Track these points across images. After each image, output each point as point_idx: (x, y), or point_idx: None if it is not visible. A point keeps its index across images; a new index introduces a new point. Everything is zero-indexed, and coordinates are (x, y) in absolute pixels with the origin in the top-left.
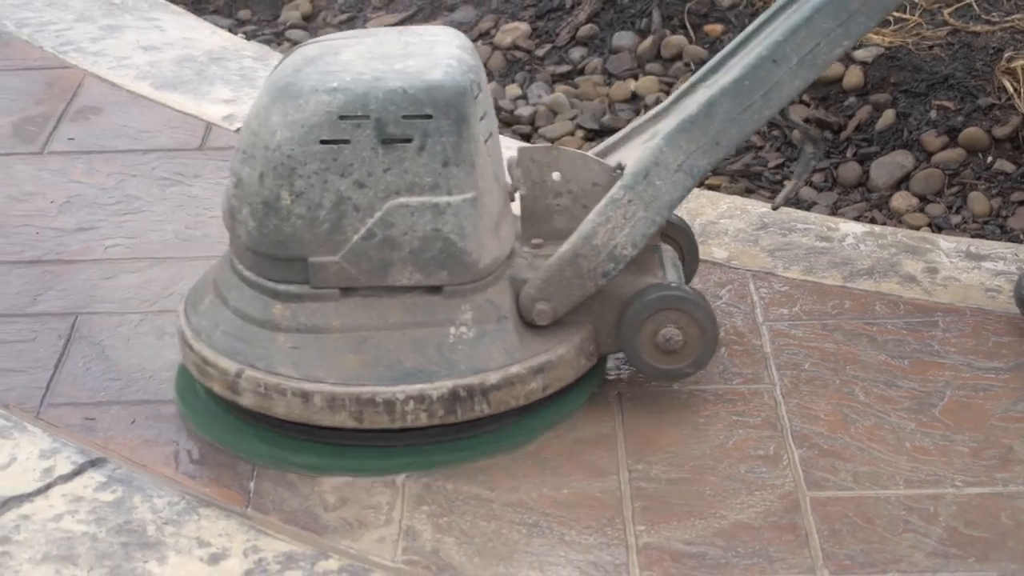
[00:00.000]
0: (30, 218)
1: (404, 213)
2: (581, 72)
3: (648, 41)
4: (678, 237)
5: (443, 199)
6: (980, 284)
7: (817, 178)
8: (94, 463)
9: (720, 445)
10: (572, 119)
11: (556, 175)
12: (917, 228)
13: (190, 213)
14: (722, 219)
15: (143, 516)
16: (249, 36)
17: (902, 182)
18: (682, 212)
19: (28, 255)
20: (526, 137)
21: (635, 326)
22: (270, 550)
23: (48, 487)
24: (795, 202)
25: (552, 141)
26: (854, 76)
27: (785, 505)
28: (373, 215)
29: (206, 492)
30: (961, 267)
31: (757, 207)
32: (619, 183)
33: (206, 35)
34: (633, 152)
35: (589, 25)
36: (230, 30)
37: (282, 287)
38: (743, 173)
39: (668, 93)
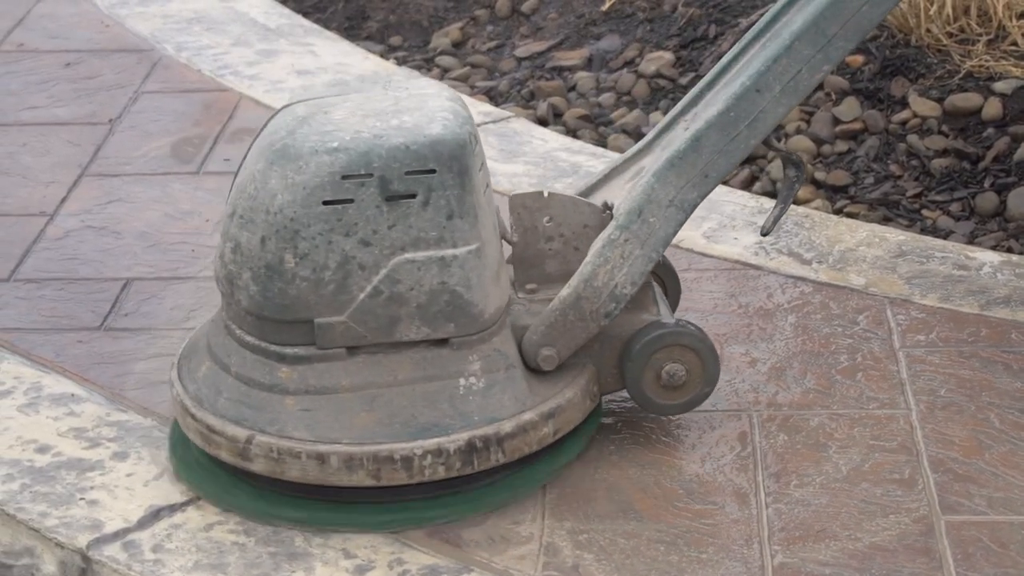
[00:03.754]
0: (186, 236)
1: (410, 269)
2: None
3: None
4: (661, 273)
5: (449, 252)
6: None
7: (955, 207)
8: None
9: (856, 468)
10: None
11: (547, 220)
12: None
13: None
14: (860, 247)
15: (291, 527)
16: (400, 62)
17: None
18: (821, 238)
19: (183, 272)
20: None
21: (639, 364)
22: (414, 563)
23: (199, 497)
24: (932, 231)
25: None
26: (993, 107)
27: (920, 529)
28: (379, 272)
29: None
30: None
31: (895, 235)
32: (614, 223)
33: (359, 60)
34: (618, 191)
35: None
36: (382, 55)
37: (288, 350)
38: (881, 202)
39: (808, 123)
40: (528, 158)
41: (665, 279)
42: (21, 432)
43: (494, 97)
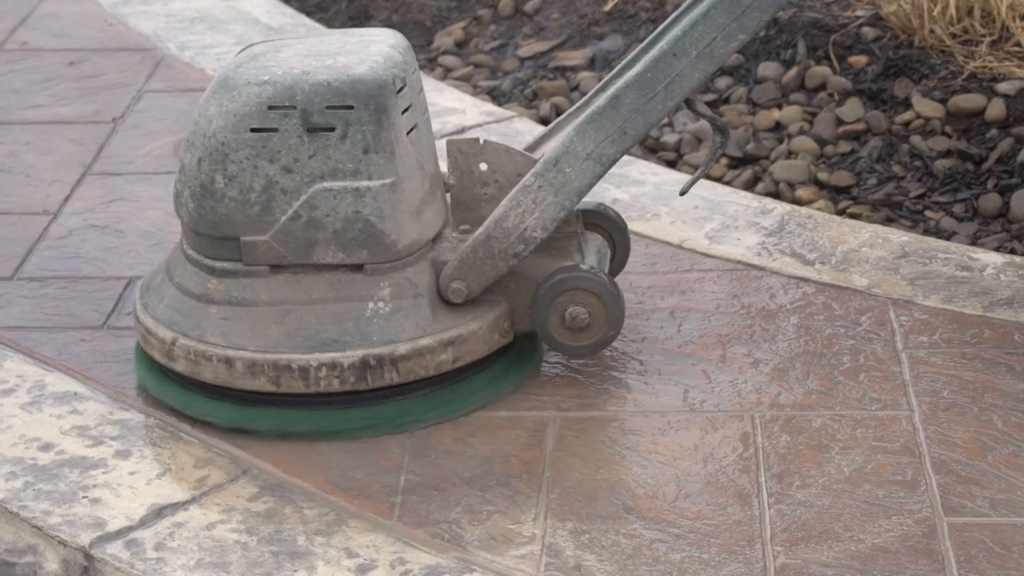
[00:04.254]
0: None
1: (328, 196)
2: (726, 101)
3: (793, 71)
4: (610, 229)
5: (363, 184)
6: None
7: (958, 208)
8: (247, 473)
9: (859, 469)
10: None
11: (483, 166)
12: None
13: None
14: (863, 247)
15: (293, 526)
16: None
17: None
18: (823, 239)
19: None
20: (671, 164)
21: (544, 305)
22: (416, 562)
23: (202, 496)
24: (935, 232)
25: (695, 168)
26: (996, 108)
27: (922, 530)
28: (299, 198)
29: (354, 504)
30: None
31: (898, 236)
32: (531, 171)
33: None
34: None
35: (734, 55)
36: None
37: (217, 264)
38: (884, 202)
39: (811, 123)
40: None
41: (614, 235)
42: (24, 430)
43: (497, 97)
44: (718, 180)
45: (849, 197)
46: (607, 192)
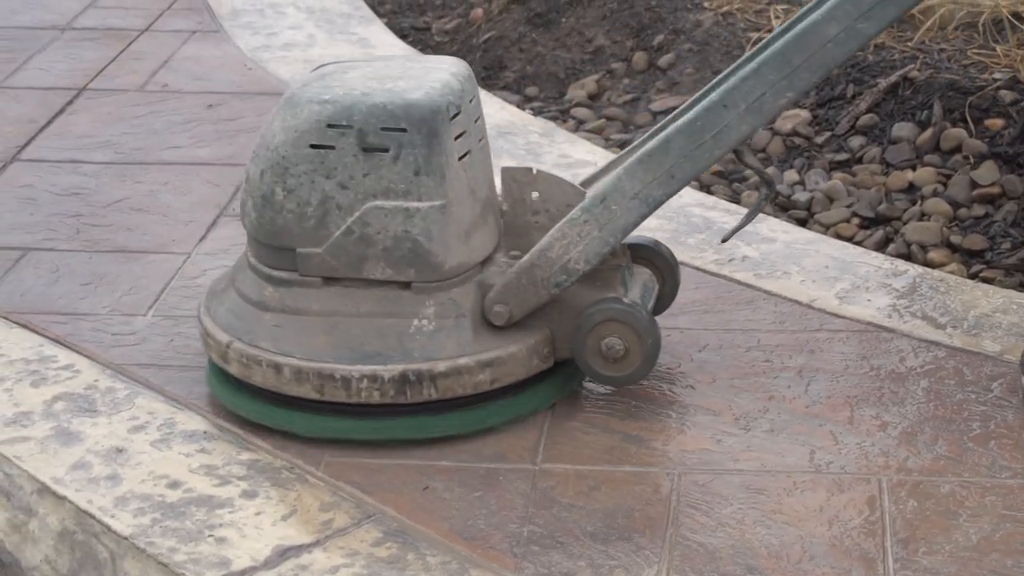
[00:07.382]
0: None
1: (379, 214)
2: (859, 161)
3: (928, 133)
4: (660, 265)
5: (413, 204)
6: None
7: None
8: (371, 518)
9: (987, 538)
10: (848, 207)
11: (535, 194)
12: None
13: None
14: (996, 312)
15: (416, 573)
16: (536, 112)
17: None
18: (955, 303)
19: None
20: (802, 222)
21: (583, 334)
22: None
23: (326, 539)
24: None
25: (828, 228)
26: None
27: None
28: (353, 214)
29: (477, 553)
30: None
31: None
32: (579, 205)
33: (495, 110)
34: None
35: (869, 115)
36: (518, 106)
37: (275, 273)
38: (1018, 267)
39: (946, 185)
40: (661, 212)
41: (663, 271)
42: (153, 467)
43: None
44: (849, 240)
45: (982, 261)
46: (737, 249)
